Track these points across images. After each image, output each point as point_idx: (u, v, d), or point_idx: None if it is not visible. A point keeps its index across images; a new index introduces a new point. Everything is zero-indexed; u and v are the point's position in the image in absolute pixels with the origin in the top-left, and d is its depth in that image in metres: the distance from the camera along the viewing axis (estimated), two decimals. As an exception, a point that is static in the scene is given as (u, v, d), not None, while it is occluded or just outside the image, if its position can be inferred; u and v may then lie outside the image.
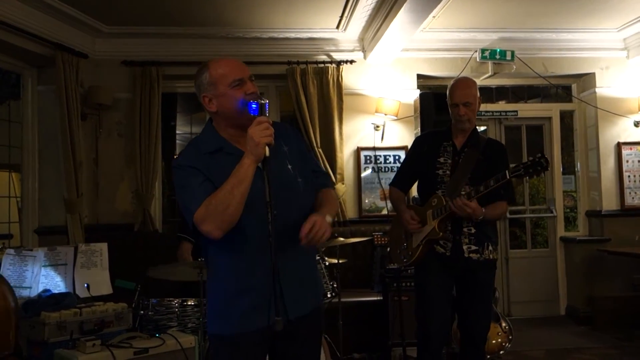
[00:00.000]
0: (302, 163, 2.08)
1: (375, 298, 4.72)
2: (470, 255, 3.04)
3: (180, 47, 5.47)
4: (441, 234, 3.02)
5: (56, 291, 3.58)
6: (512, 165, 2.94)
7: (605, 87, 5.91)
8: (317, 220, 1.87)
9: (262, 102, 1.87)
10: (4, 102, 5.20)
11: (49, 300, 3.36)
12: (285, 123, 2.36)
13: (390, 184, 3.43)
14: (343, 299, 4.09)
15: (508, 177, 2.83)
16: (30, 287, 3.55)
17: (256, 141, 1.79)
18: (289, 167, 2.02)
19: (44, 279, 3.62)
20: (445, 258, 3.07)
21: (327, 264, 3.84)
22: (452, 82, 3.22)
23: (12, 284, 3.43)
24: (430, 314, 3.11)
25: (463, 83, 3.16)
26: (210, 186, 1.86)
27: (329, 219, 1.94)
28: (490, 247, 3.09)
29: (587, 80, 6.07)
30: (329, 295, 3.73)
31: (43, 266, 3.64)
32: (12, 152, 5.10)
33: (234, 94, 1.93)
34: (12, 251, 3.64)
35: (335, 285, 3.84)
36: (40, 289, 3.55)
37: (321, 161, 5.32)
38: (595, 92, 5.92)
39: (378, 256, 5.13)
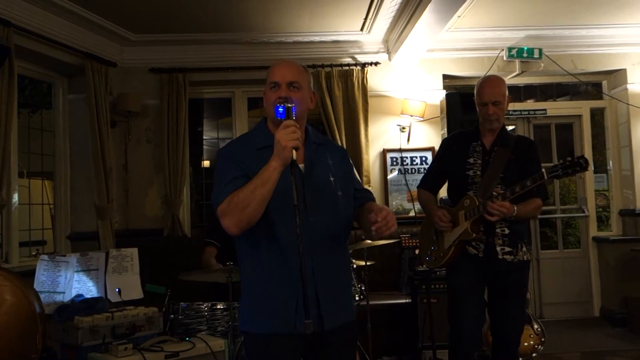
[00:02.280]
0: (344, 179, 2.13)
1: (403, 300, 4.68)
2: (505, 256, 2.99)
3: (205, 54, 5.54)
4: (474, 235, 2.98)
5: (89, 296, 3.64)
6: (549, 165, 2.88)
7: (637, 83, 5.77)
8: (388, 210, 1.96)
9: (289, 105, 1.88)
10: (37, 112, 5.31)
11: (81, 304, 3.42)
12: (336, 143, 2.43)
13: (419, 186, 3.39)
14: (371, 302, 4.07)
15: (546, 177, 2.77)
16: (63, 292, 3.61)
17: (283, 145, 1.80)
18: (331, 178, 2.05)
19: (76, 284, 3.68)
20: (477, 260, 3.03)
21: (354, 266, 3.83)
22: (479, 80, 3.18)
23: (46, 289, 3.53)
24: (463, 316, 3.07)
25: (492, 81, 3.11)
26: (241, 182, 1.89)
27: None
28: (524, 248, 3.04)
29: (618, 76, 5.94)
30: (357, 298, 3.72)
31: (76, 271, 3.70)
32: (45, 160, 5.21)
33: (268, 96, 2.02)
34: (46, 257, 3.71)
35: (363, 288, 3.83)
36: (74, 294, 3.62)
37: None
38: (626, 89, 5.78)
39: (406, 258, 5.10)
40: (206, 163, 6.41)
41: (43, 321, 2.76)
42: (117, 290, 3.77)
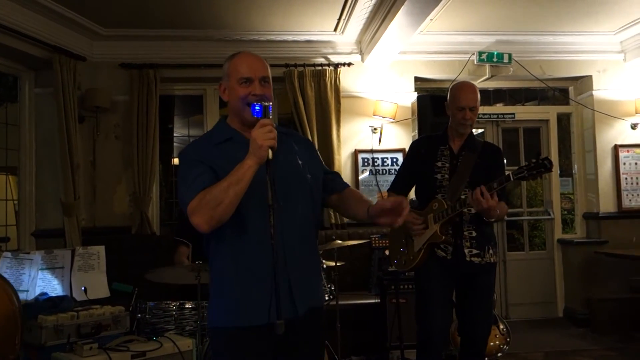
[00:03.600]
0: (312, 163, 2.12)
1: (373, 301, 4.71)
2: (472, 259, 3.03)
3: (177, 50, 5.48)
4: (443, 237, 3.02)
5: (53, 294, 3.57)
6: (515, 168, 2.92)
7: (602, 89, 5.92)
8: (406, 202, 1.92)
9: (266, 104, 1.87)
10: (1, 105, 5.19)
11: (46, 303, 3.35)
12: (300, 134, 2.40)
13: (389, 189, 3.42)
14: (341, 302, 4.08)
15: (512, 179, 2.81)
16: (27, 291, 3.54)
17: (259, 144, 1.79)
18: (299, 162, 2.05)
19: (41, 282, 3.61)
20: (446, 262, 3.07)
21: (324, 266, 3.83)
22: (455, 85, 3.22)
23: (9, 287, 3.43)
24: (431, 317, 3.10)
25: (469, 87, 3.15)
26: (209, 179, 1.87)
27: None
28: (491, 251, 3.09)
29: (584, 82, 6.09)
30: (326, 298, 3.72)
31: (40, 269, 3.63)
32: (9, 154, 5.09)
33: (238, 91, 1.98)
34: (9, 254, 3.63)
35: (333, 288, 3.84)
36: (38, 292, 3.55)
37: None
38: (592, 95, 5.93)
39: (376, 259, 5.12)
40: (176, 160, 6.34)
41: (22, 319, 2.70)
42: (82, 288, 3.71)
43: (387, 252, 4.56)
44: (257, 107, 1.87)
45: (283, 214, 1.86)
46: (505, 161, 3.33)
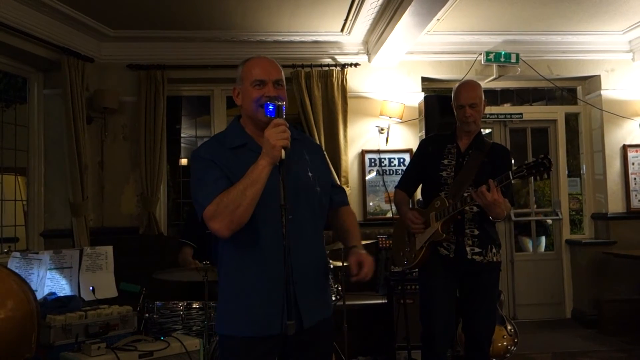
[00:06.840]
0: (322, 175, 2.11)
1: (380, 301, 4.71)
2: (474, 257, 3.04)
3: (185, 51, 5.50)
4: (444, 235, 3.02)
5: (62, 294, 3.59)
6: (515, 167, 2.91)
7: (611, 89, 5.89)
8: (368, 260, 1.96)
9: (279, 104, 1.87)
10: (10, 106, 5.22)
11: (54, 303, 3.37)
12: (311, 138, 2.39)
13: (396, 187, 3.43)
14: (348, 302, 4.08)
15: (511, 177, 2.81)
16: (35, 290, 3.55)
17: (272, 143, 1.78)
18: (309, 174, 2.03)
19: (49, 282, 3.63)
20: (448, 260, 3.08)
21: (331, 267, 3.83)
22: (456, 85, 3.24)
23: (18, 287, 3.45)
24: (434, 316, 3.11)
25: (468, 85, 3.18)
26: (225, 183, 1.87)
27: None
28: (494, 250, 3.09)
29: (592, 82, 6.05)
30: (333, 299, 3.73)
31: (48, 269, 3.65)
32: (18, 155, 5.12)
33: (252, 93, 1.97)
34: (18, 254, 3.65)
35: (340, 288, 3.84)
36: (46, 292, 3.56)
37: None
38: (600, 95, 5.90)
39: (383, 259, 5.12)
40: (184, 161, 6.36)
41: (39, 319, 2.73)
42: (90, 288, 3.72)
43: (392, 252, 4.56)
44: (271, 107, 1.87)
45: (291, 227, 1.82)
46: (513, 162, 3.31)
